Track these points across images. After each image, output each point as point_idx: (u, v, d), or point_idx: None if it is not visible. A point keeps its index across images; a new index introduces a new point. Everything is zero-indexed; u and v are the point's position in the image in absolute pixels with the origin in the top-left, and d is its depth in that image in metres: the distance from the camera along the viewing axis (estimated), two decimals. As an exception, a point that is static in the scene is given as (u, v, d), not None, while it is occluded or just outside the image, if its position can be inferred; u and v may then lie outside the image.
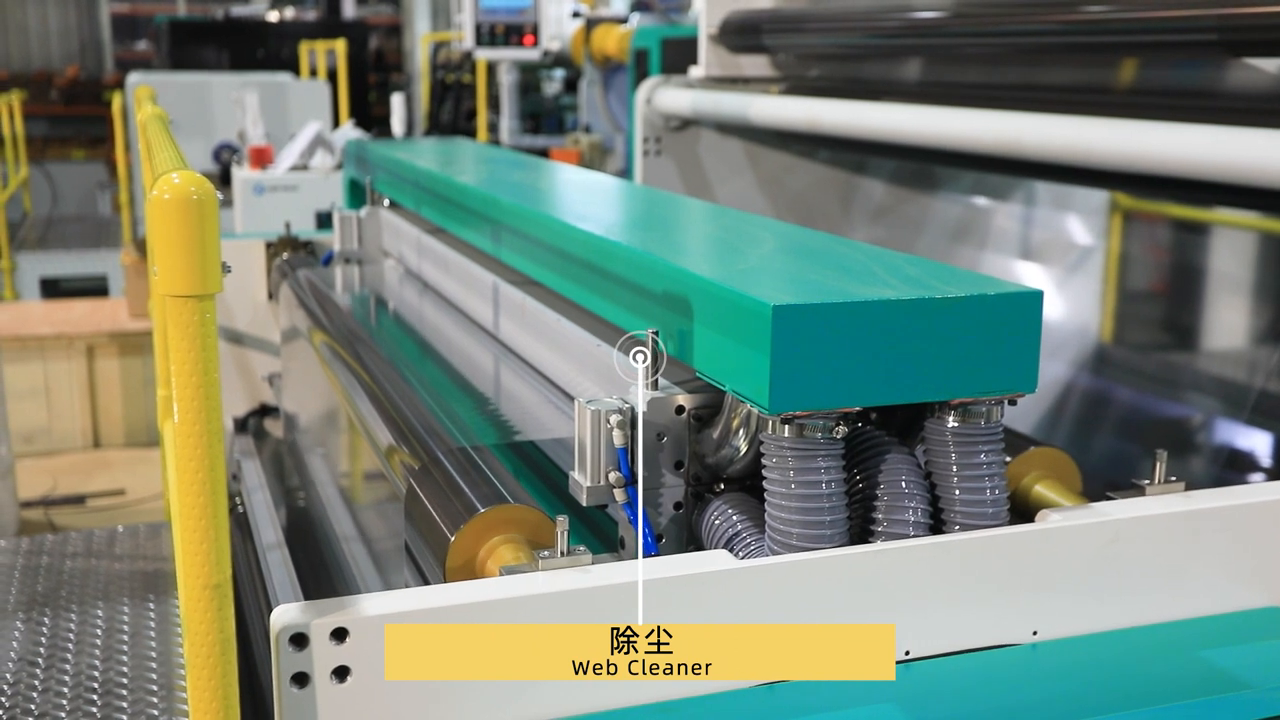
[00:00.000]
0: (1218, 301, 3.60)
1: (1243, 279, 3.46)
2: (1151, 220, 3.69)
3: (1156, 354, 3.44)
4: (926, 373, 1.30)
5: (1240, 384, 3.06)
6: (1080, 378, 3.57)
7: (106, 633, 2.80)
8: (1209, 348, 3.52)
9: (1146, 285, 3.78)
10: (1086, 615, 1.39)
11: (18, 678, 2.59)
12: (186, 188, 1.00)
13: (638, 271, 1.55)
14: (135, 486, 5.39)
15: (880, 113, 2.71)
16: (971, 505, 1.35)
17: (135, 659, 2.68)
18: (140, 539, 3.37)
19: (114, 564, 3.18)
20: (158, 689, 2.55)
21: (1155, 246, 3.73)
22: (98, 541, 3.33)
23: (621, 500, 1.43)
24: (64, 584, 3.05)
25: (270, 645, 1.13)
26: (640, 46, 7.14)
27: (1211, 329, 3.58)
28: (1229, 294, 3.52)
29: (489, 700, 1.19)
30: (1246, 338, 3.46)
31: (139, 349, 5.91)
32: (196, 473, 1.04)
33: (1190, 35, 2.10)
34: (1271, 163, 1.81)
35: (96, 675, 2.61)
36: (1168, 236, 3.67)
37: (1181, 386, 3.34)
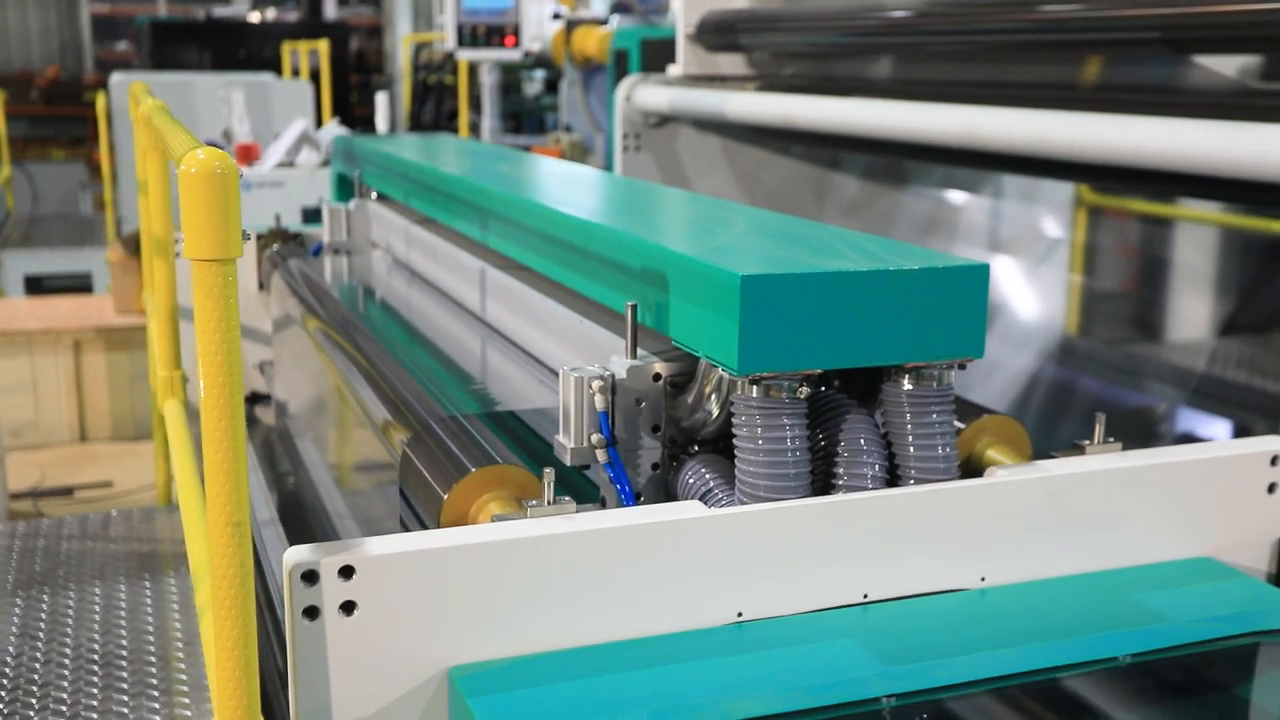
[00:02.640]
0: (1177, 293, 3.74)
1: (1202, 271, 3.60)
2: (1114, 214, 3.82)
3: (1119, 345, 3.57)
4: (883, 338, 1.42)
5: (1198, 372, 3.18)
6: (1046, 368, 3.71)
7: (104, 609, 2.90)
8: (1169, 338, 3.66)
9: (1110, 277, 3.92)
10: (1030, 563, 1.51)
11: (20, 651, 2.68)
12: (211, 162, 1.11)
13: (618, 250, 1.67)
14: (122, 479, 5.47)
15: (853, 108, 2.83)
16: (924, 461, 1.48)
17: (133, 633, 2.78)
18: (134, 523, 3.46)
19: (109, 546, 3.28)
20: (155, 661, 2.65)
21: (1118, 240, 3.87)
22: (92, 525, 3.42)
23: (603, 460, 1.55)
24: (61, 565, 3.15)
25: (283, 586, 1.24)
26: (620, 47, 7.26)
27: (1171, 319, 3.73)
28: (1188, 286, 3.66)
29: (480, 632, 1.30)
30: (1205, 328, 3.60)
31: (125, 344, 5.99)
32: (220, 420, 1.15)
33: (1139, 34, 2.23)
34: (1219, 153, 1.92)
35: (96, 649, 2.70)
36: (1130, 230, 3.81)
37: (1143, 375, 3.47)
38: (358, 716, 1.28)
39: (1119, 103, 2.33)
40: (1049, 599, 1.47)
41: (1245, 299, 3.25)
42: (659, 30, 7.19)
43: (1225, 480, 1.59)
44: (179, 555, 3.22)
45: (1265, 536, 1.62)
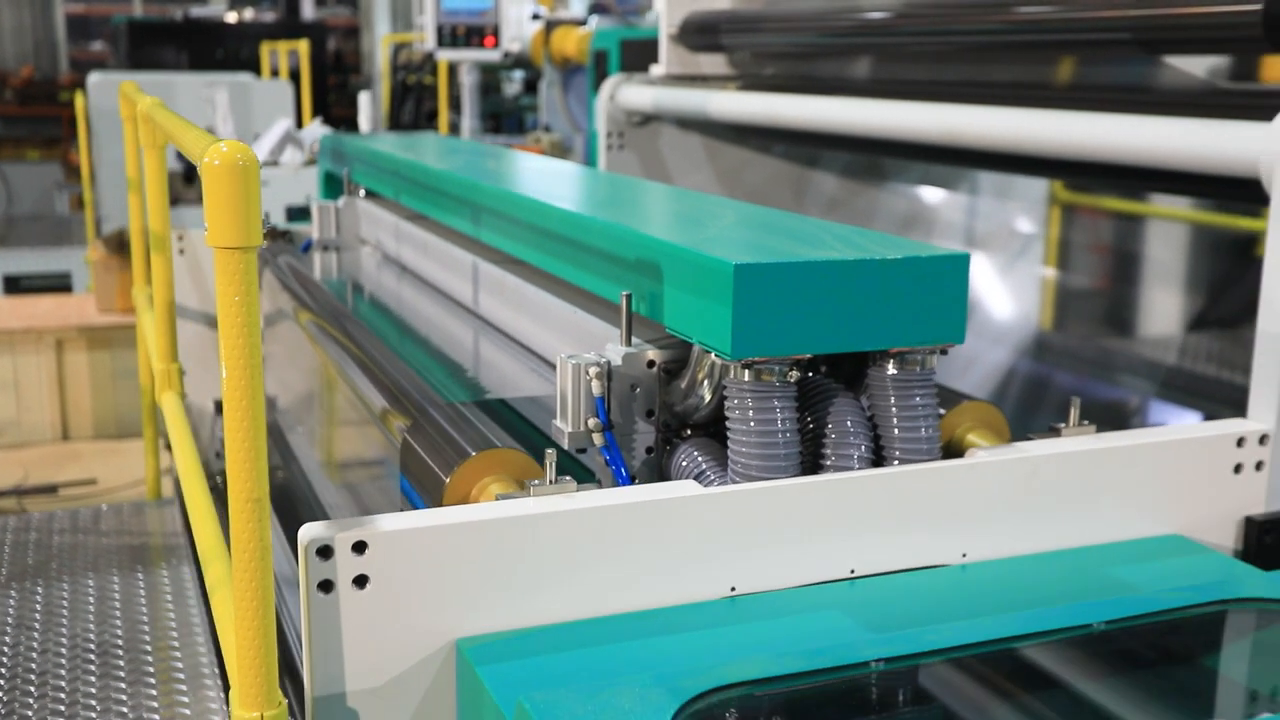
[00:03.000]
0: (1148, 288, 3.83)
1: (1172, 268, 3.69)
2: (1087, 212, 3.91)
3: (1092, 339, 3.65)
4: (868, 324, 1.48)
5: (1168, 366, 3.26)
6: (1022, 363, 3.79)
7: (99, 600, 2.93)
8: (1140, 333, 3.74)
9: (1083, 273, 4.00)
10: (1009, 540, 1.58)
11: (16, 640, 2.72)
12: (234, 154, 1.17)
13: (612, 242, 1.73)
14: (106, 476, 5.49)
15: (833, 106, 2.90)
16: (908, 442, 1.54)
17: (128, 623, 2.81)
18: (124, 517, 3.50)
19: (101, 539, 3.31)
20: (151, 650, 2.69)
21: (1091, 237, 3.96)
22: (83, 519, 3.45)
23: (599, 444, 1.61)
24: (53, 557, 3.18)
25: (299, 561, 1.29)
26: (600, 48, 7.32)
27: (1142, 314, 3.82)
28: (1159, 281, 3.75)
29: (486, 605, 1.36)
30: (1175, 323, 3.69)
31: (107, 343, 6.02)
32: (241, 400, 1.21)
33: (1110, 34, 2.31)
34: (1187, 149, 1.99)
35: (92, 639, 2.74)
36: (1103, 227, 3.90)
37: (1115, 369, 3.56)
38: (370, 686, 1.33)
39: (1092, 101, 2.40)
40: (1027, 573, 1.53)
41: (1213, 295, 3.33)
42: (638, 31, 7.26)
43: (1194, 461, 1.66)
44: (170, 548, 3.26)
45: (1232, 515, 1.70)
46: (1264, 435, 1.69)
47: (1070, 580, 1.51)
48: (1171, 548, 1.61)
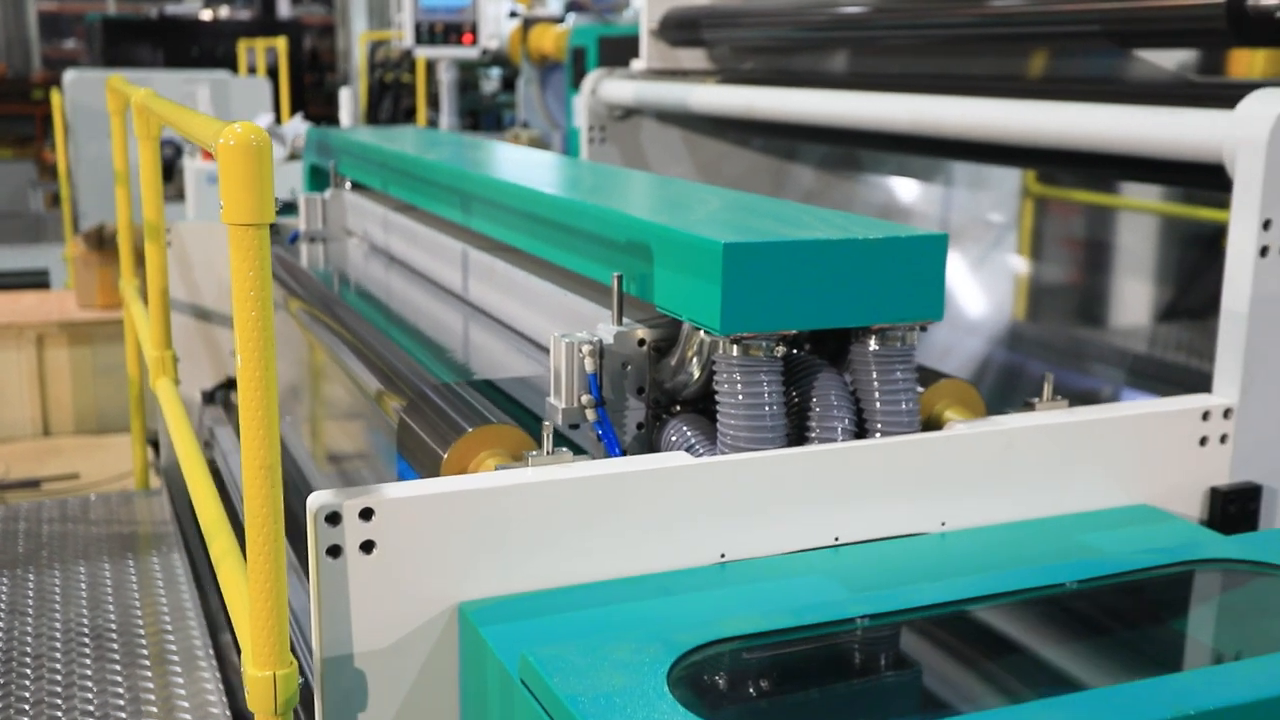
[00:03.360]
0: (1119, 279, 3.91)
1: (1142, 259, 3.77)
2: (1059, 204, 3.99)
3: (1064, 328, 3.73)
4: (851, 302, 1.55)
5: (1138, 355, 3.34)
6: (996, 352, 3.86)
7: (90, 586, 2.97)
8: (1111, 322, 3.83)
9: (1055, 264, 4.09)
10: (986, 509, 1.65)
11: (10, 626, 2.76)
12: (248, 135, 1.22)
13: (604, 226, 1.79)
14: (88, 471, 5.50)
15: (812, 98, 2.96)
16: (890, 415, 1.61)
17: (121, 609, 2.85)
18: (113, 506, 3.53)
19: (90, 528, 3.35)
20: (144, 633, 2.73)
21: (1063, 228, 4.04)
22: (72, 509, 3.48)
23: (592, 419, 1.67)
24: (44, 546, 3.21)
25: (308, 527, 1.35)
26: (578, 44, 7.37)
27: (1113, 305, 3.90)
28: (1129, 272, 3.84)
29: (488, 570, 1.41)
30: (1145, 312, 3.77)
31: (88, 338, 6.03)
32: (255, 371, 1.26)
33: (1081, 27, 2.38)
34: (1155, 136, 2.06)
35: (85, 623, 2.78)
36: (1074, 219, 3.98)
37: (1086, 358, 3.64)
38: (376, 647, 1.39)
39: (1064, 92, 2.47)
40: (1003, 540, 1.60)
41: (1182, 285, 3.41)
42: (616, 28, 7.32)
43: (1161, 434, 1.74)
44: (160, 536, 3.29)
45: (1198, 485, 1.77)
46: (1228, 409, 1.76)
47: (1044, 546, 1.58)
48: (1140, 516, 1.68)
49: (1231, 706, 1.13)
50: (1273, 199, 1.72)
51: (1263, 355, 1.76)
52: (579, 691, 1.14)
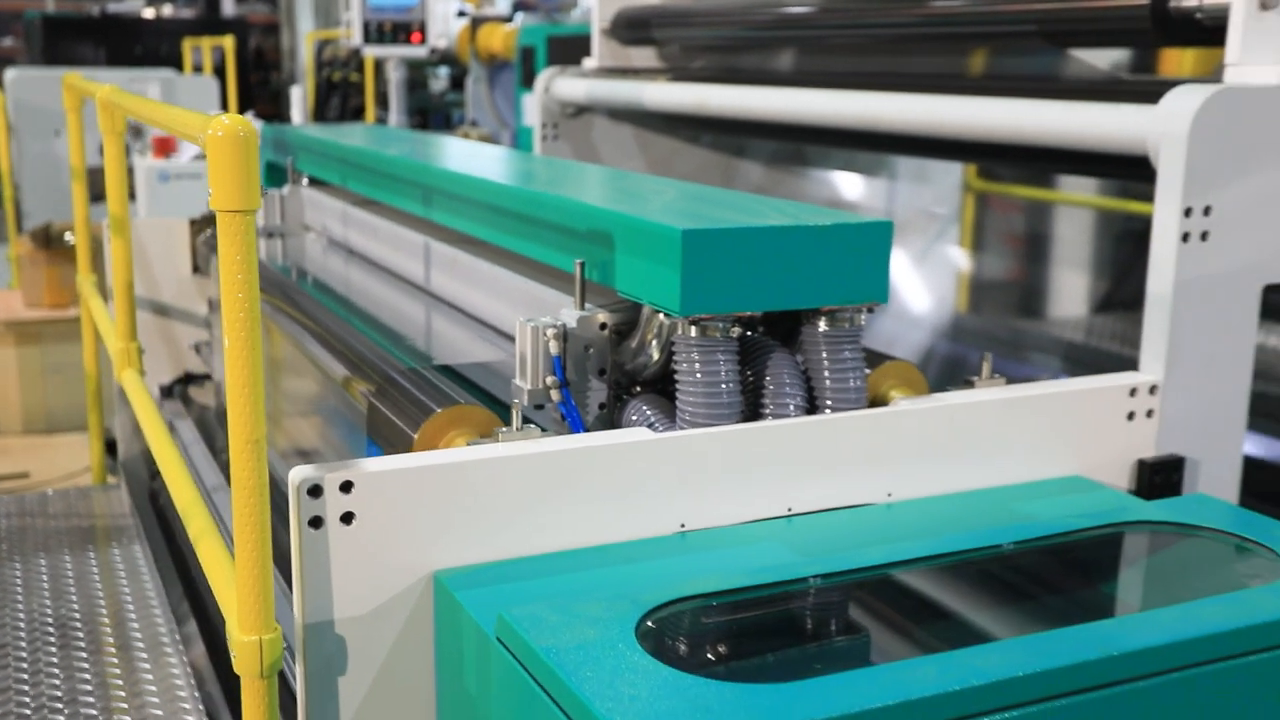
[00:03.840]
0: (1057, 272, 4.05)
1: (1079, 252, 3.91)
2: (999, 199, 4.12)
3: (1005, 321, 3.85)
4: (802, 285, 1.64)
5: (1077, 345, 3.47)
6: (940, 344, 3.99)
7: (52, 578, 3.00)
8: (1051, 314, 3.96)
9: (996, 258, 4.22)
10: (929, 480, 1.74)
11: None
12: (235, 127, 1.29)
13: (566, 215, 1.87)
14: (39, 470, 5.48)
15: (761, 95, 3.06)
16: (839, 392, 1.70)
17: (84, 599, 2.89)
18: (71, 500, 3.55)
19: (49, 522, 3.37)
20: (109, 622, 2.77)
21: (1003, 223, 4.17)
22: (30, 503, 3.50)
23: (557, 400, 1.75)
24: (3, 539, 3.23)
25: (290, 499, 1.41)
26: (527, 44, 7.42)
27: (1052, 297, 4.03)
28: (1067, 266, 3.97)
29: (461, 540, 1.49)
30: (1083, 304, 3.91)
31: (36, 338, 6.00)
32: (242, 350, 1.33)
33: (1016, 26, 2.49)
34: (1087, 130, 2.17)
35: (49, 613, 2.81)
36: (1013, 213, 4.11)
37: (1026, 348, 3.76)
38: (355, 614, 1.46)
39: (1002, 89, 2.58)
40: (945, 509, 1.70)
41: (1118, 278, 3.53)
42: (564, 27, 7.38)
43: (1092, 409, 1.84)
44: (120, 529, 3.32)
45: (1126, 458, 1.88)
46: (1154, 386, 1.87)
47: (983, 514, 1.68)
48: (1073, 486, 1.79)
49: (1152, 648, 1.23)
50: (1193, 188, 1.83)
51: (1185, 335, 1.88)
52: (554, 645, 1.22)
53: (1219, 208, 1.86)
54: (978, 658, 1.21)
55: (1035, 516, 1.64)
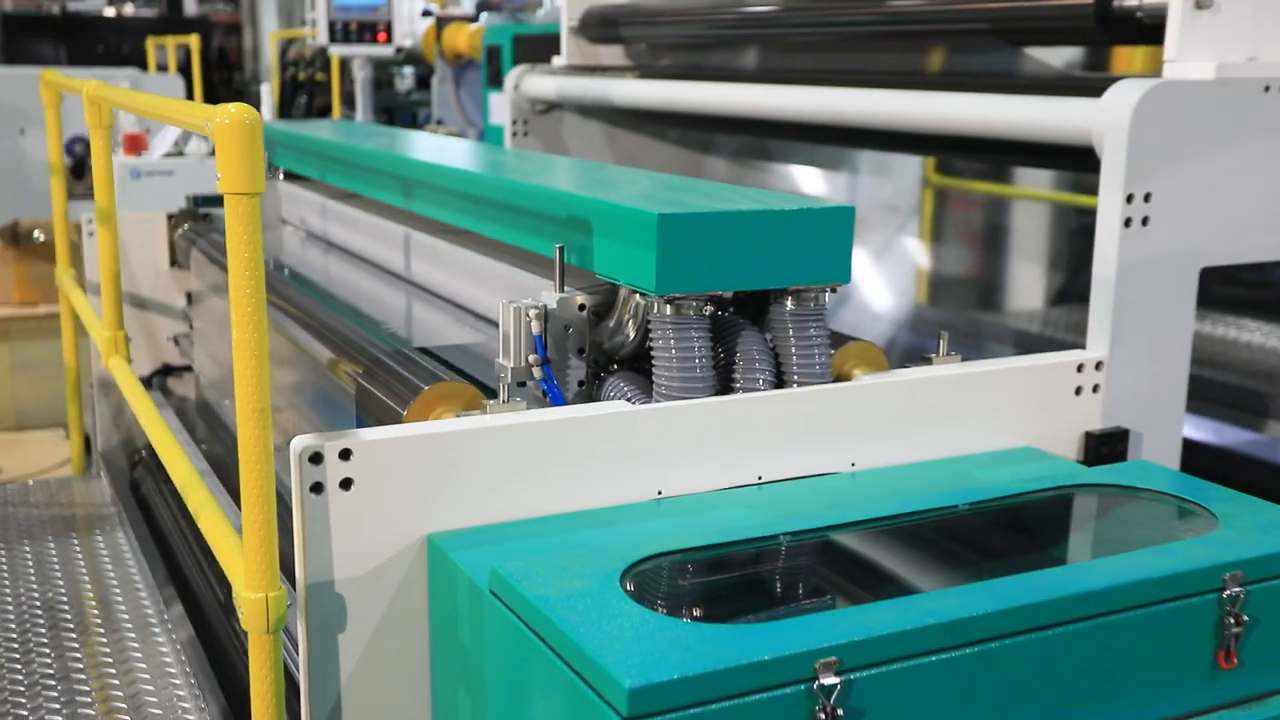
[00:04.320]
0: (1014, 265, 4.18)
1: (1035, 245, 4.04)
2: (957, 194, 4.25)
3: (964, 312, 3.98)
4: (769, 266, 1.75)
5: (1034, 335, 3.59)
6: (900, 335, 4.11)
7: (38, 564, 3.06)
8: (1008, 305, 4.09)
9: (954, 251, 4.35)
10: (890, 451, 1.86)
11: (-38, 604, 2.85)
12: (241, 115, 1.38)
13: (546, 203, 1.97)
14: (10, 466, 5.51)
15: (728, 91, 3.17)
16: (805, 368, 1.81)
17: (71, 583, 2.95)
18: (53, 490, 3.61)
19: (32, 510, 3.43)
20: (97, 604, 2.84)
21: (960, 216, 4.30)
22: (12, 493, 3.55)
23: (539, 377, 1.84)
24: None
25: (292, 466, 1.51)
26: (493, 43, 7.50)
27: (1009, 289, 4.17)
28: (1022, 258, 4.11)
29: (452, 505, 1.58)
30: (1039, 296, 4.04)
31: (4, 335, 6.03)
32: (248, 323, 1.42)
33: (970, 25, 2.62)
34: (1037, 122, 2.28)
35: (37, 597, 2.88)
36: (970, 207, 4.25)
37: (984, 339, 3.89)
38: (353, 575, 1.55)
39: (959, 85, 2.70)
40: (905, 477, 1.81)
41: (1073, 270, 3.67)
42: (530, 27, 7.46)
43: (1042, 384, 1.96)
44: (102, 517, 3.39)
45: (1074, 429, 2.00)
46: (1099, 362, 2.00)
47: (940, 480, 1.79)
48: (1024, 456, 1.91)
49: (1092, 591, 1.34)
50: (1134, 176, 1.95)
51: (1129, 314, 2.00)
52: (545, 594, 1.32)
53: (1159, 194, 1.98)
54: (932, 601, 1.32)
55: (988, 482, 1.75)
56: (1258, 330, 3.61)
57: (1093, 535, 1.68)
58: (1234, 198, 2.05)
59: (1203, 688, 1.44)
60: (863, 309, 4.12)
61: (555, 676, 1.26)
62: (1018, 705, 1.34)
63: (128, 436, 3.73)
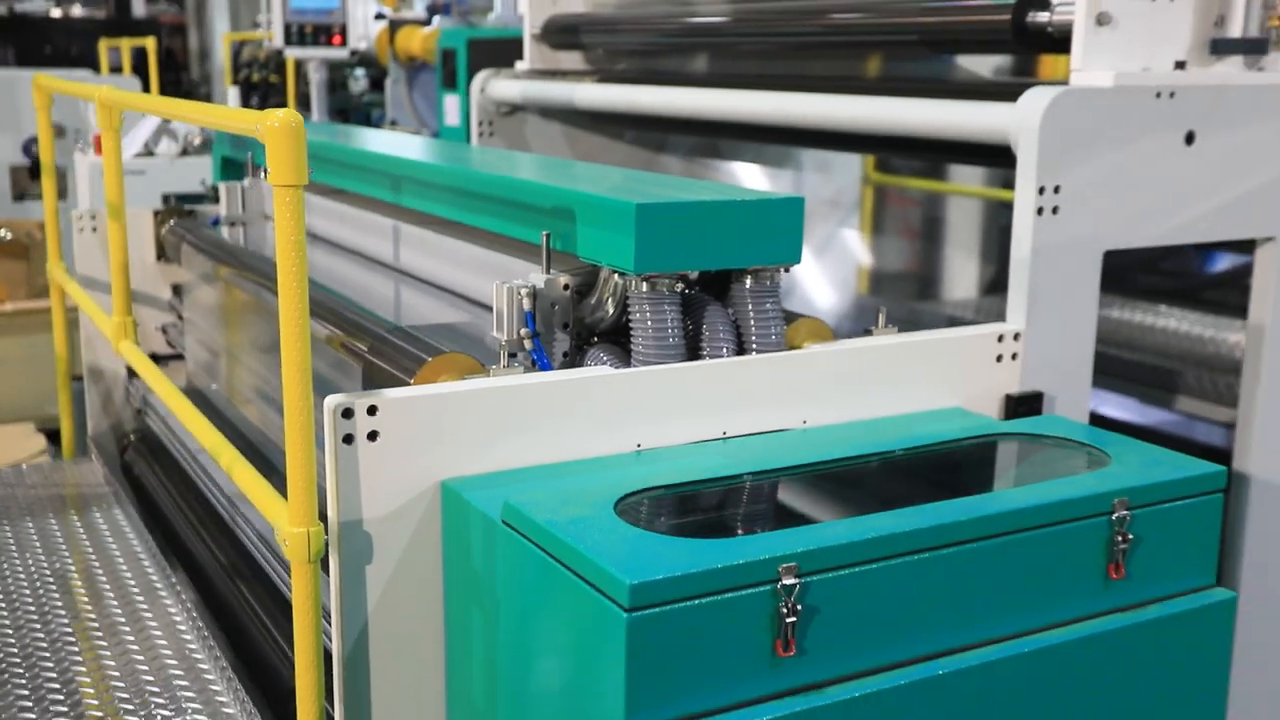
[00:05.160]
0: (950, 256, 4.50)
1: (969, 239, 4.36)
2: (895, 190, 4.56)
3: (903, 302, 4.27)
4: (731, 248, 2.02)
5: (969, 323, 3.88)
6: (843, 325, 4.41)
7: (43, 538, 3.24)
8: (945, 296, 4.40)
9: (892, 244, 4.65)
10: (837, 410, 2.13)
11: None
12: (289, 118, 1.63)
13: (533, 195, 2.22)
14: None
15: (684, 95, 3.44)
16: (762, 338, 2.08)
17: (77, 555, 3.14)
18: (47, 472, 3.80)
19: (29, 491, 3.62)
20: (104, 574, 3.04)
21: (898, 212, 4.61)
22: (7, 475, 3.74)
23: (530, 348, 2.10)
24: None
25: (325, 421, 1.75)
26: (447, 46, 7.73)
27: (946, 280, 4.48)
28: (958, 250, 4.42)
29: (462, 455, 1.84)
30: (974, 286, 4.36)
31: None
32: (293, 295, 1.66)
33: (902, 36, 2.91)
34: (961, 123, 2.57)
35: (47, 568, 3.07)
36: (908, 203, 4.55)
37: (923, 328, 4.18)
38: (378, 515, 1.80)
39: (894, 90, 2.99)
40: (849, 432, 2.09)
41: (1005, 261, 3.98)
42: (483, 30, 7.70)
43: (968, 353, 2.25)
44: (98, 496, 3.58)
45: (996, 392, 2.29)
46: (1017, 333, 2.29)
47: (880, 433, 2.07)
48: (952, 414, 2.19)
49: (1008, 511, 1.63)
50: (1045, 170, 2.25)
51: (1042, 291, 2.29)
52: (554, 519, 1.58)
53: (1066, 187, 2.28)
54: (872, 521, 1.60)
55: (921, 433, 2.04)
56: (1171, 316, 3.96)
57: (1008, 471, 1.97)
58: (1131, 190, 2.35)
59: (1097, 594, 1.73)
60: (806, 302, 4.39)
61: (565, 585, 1.52)
62: (943, 606, 1.62)
63: (116, 422, 3.93)
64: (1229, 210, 2.46)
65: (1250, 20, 2.42)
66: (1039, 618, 1.69)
